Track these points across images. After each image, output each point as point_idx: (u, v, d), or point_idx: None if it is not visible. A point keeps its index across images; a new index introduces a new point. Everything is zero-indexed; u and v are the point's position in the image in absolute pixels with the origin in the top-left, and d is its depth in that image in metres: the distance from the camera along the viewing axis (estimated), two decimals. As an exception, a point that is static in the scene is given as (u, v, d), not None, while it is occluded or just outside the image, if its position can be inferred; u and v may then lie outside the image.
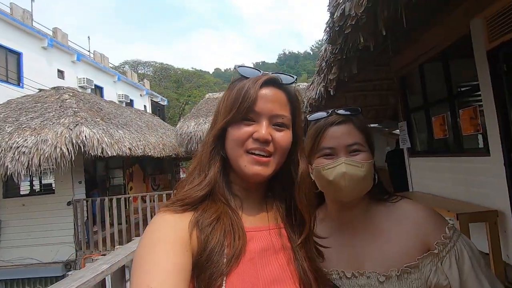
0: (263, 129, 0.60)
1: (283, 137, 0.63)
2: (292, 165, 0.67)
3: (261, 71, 0.66)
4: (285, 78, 0.66)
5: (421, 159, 4.29)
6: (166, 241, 0.52)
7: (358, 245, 0.76)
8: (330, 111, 0.81)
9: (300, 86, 10.15)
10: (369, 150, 0.78)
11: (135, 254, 0.53)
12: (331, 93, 1.98)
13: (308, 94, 2.33)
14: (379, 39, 1.41)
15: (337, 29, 1.36)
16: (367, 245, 0.76)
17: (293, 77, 0.67)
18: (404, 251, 0.71)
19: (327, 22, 1.47)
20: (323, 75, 1.89)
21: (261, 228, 0.63)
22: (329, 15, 1.40)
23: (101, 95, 13.80)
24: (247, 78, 0.65)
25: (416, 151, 4.44)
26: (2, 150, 5.47)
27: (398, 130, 4.57)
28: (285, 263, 0.62)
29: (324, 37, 1.53)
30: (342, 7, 1.28)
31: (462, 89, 3.69)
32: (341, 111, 0.80)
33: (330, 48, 1.67)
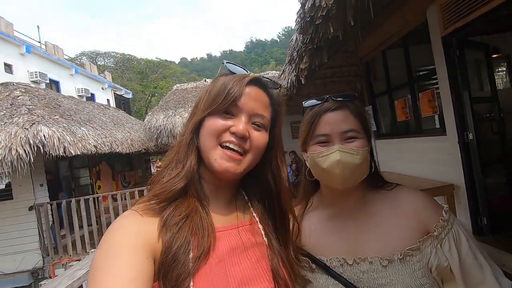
0: (241, 124, 0.59)
1: (260, 137, 0.62)
2: (269, 171, 0.67)
3: (249, 72, 0.67)
4: (270, 82, 0.68)
5: (386, 141, 4.55)
6: (125, 246, 0.49)
7: (357, 232, 0.75)
8: (326, 97, 0.79)
9: (270, 74, 10.19)
10: (366, 137, 0.76)
11: (92, 259, 0.50)
12: (302, 82, 2.01)
13: (279, 82, 2.38)
14: (347, 28, 1.46)
15: (308, 20, 1.38)
16: (365, 232, 0.75)
17: (277, 84, 0.69)
18: (403, 235, 0.71)
19: (298, 13, 1.48)
20: (294, 64, 1.91)
21: (229, 227, 0.62)
22: (300, 6, 1.42)
23: (58, 90, 12.76)
24: (233, 74, 0.64)
25: (381, 134, 4.70)
26: None
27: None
28: (257, 260, 0.60)
29: (296, 27, 1.55)
30: (312, -1, 1.32)
31: (421, 73, 3.94)
32: (337, 97, 0.78)
33: (301, 38, 1.69)
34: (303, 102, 0.81)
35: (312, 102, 0.80)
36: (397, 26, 3.70)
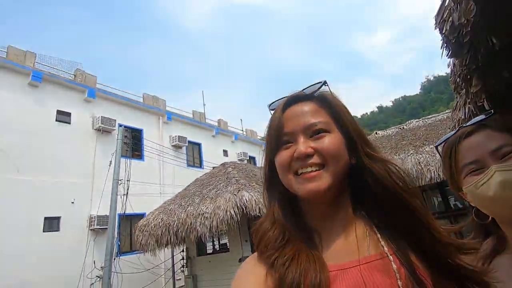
0: (300, 146, 0.57)
1: (327, 142, 0.57)
2: (362, 171, 0.59)
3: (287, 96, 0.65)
4: (310, 89, 0.64)
5: None
6: (249, 275, 0.56)
7: None
8: (457, 128, 0.73)
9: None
10: None
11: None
12: (487, 107, 1.51)
13: (454, 116, 1.91)
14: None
15: (453, 42, 1.19)
16: None
17: (320, 82, 0.64)
18: None
19: (441, 45, 1.30)
20: (463, 91, 1.55)
21: (347, 265, 0.53)
22: (438, 32, 1.26)
23: (254, 164, 16.30)
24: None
25: None
26: (194, 217, 7.23)
27: None
28: None
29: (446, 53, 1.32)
30: (450, 20, 1.14)
31: None
32: (469, 123, 0.71)
33: (457, 61, 1.44)
34: (435, 146, 0.78)
35: (442, 138, 0.74)
36: None
